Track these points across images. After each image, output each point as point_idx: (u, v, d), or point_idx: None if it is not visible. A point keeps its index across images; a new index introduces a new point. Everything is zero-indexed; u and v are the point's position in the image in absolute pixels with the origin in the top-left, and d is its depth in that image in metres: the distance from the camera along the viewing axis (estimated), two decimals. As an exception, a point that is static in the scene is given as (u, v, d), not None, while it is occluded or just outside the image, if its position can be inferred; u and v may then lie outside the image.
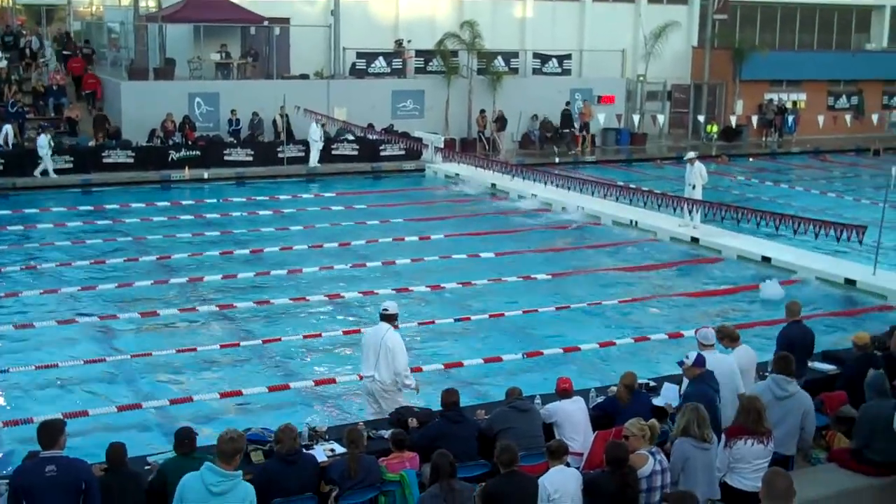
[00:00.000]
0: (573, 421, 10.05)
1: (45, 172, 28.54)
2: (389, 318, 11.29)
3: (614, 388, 10.80)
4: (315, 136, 31.77)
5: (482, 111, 36.57)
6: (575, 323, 16.93)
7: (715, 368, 10.11)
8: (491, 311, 17.31)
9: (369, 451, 9.24)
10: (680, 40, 41.79)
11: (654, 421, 9.22)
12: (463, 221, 24.99)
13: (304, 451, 9.05)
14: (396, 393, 11.27)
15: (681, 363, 10.16)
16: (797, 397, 9.83)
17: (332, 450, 9.53)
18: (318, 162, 31.96)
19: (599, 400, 10.80)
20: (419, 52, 37.10)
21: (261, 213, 25.57)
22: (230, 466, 7.40)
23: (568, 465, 8.77)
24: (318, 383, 13.77)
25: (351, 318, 16.84)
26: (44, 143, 28.45)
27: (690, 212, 23.49)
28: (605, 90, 39.52)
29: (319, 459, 9.16)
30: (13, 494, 7.47)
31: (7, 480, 8.06)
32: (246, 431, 9.25)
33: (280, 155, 32.06)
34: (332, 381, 13.81)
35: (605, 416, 10.36)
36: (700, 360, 9.96)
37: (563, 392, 10.27)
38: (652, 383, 11.48)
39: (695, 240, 22.96)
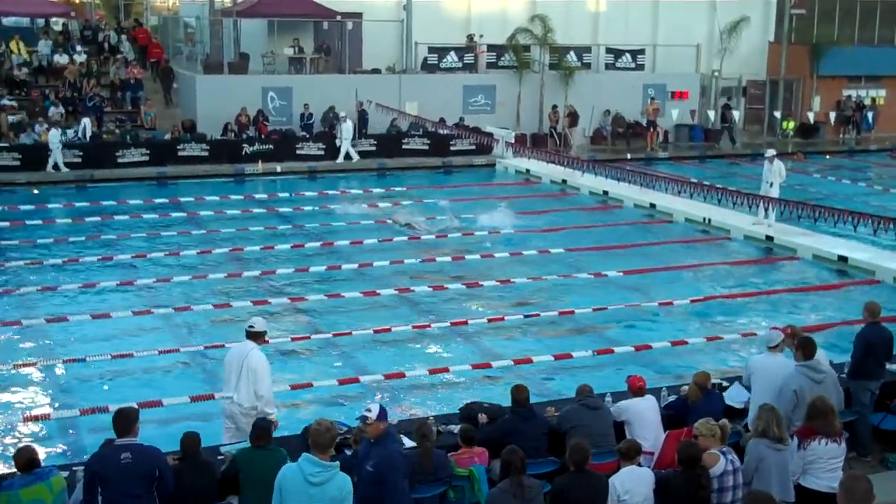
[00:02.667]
0: (644, 419, 9.97)
1: (55, 166, 28.92)
2: (255, 336, 10.35)
3: (686, 388, 10.69)
4: (347, 134, 31.93)
5: (554, 106, 36.42)
6: (646, 321, 16.79)
7: (766, 370, 10.05)
8: (561, 307, 17.24)
9: (438, 445, 9.28)
10: (756, 35, 41.12)
11: (725, 421, 9.13)
12: (533, 217, 24.90)
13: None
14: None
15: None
16: (830, 374, 9.96)
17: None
18: (345, 159, 32.09)
19: (671, 399, 10.70)
20: (491, 47, 37.03)
21: (332, 206, 25.74)
22: (326, 456, 7.40)
23: (639, 464, 8.71)
24: (387, 377, 13.82)
25: (420, 313, 16.86)
26: (55, 137, 28.86)
27: (766, 210, 23.12)
28: (679, 86, 39.08)
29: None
30: (89, 481, 7.64)
31: (83, 467, 8.27)
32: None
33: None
34: (402, 375, 13.87)
35: (676, 415, 10.27)
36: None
37: (635, 390, 10.20)
38: (725, 383, 11.35)
39: (769, 238, 22.60)
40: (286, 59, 35.35)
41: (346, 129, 31.79)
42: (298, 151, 31.81)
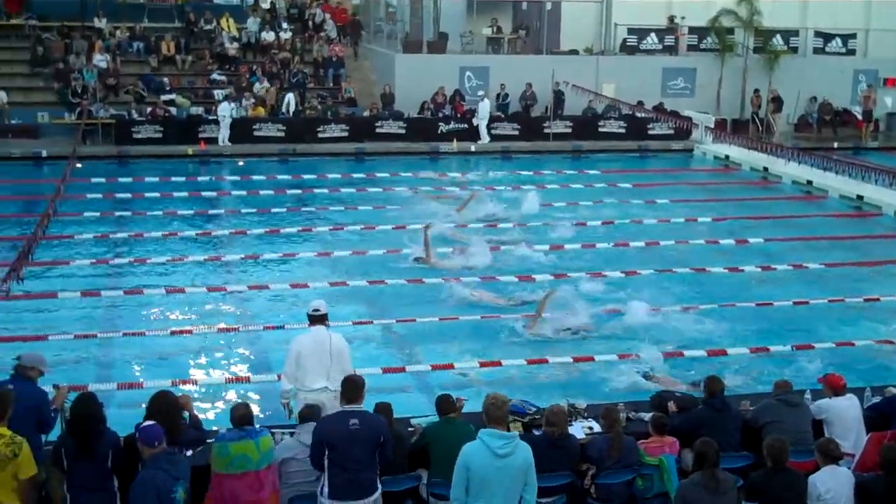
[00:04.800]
0: (845, 419, 9.58)
1: (222, 140, 29.84)
2: (322, 319, 10.15)
3: (893, 389, 10.22)
4: (483, 113, 31.64)
5: (756, 91, 35.24)
6: (849, 317, 16.09)
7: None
8: (759, 299, 16.74)
9: (626, 432, 9.19)
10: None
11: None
12: (732, 205, 24.26)
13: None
14: None
15: None
16: None
17: (591, 427, 9.54)
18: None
19: (875, 400, 10.24)
20: (692, 29, 36.17)
21: (524, 187, 25.82)
22: (505, 428, 7.57)
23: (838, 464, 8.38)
24: (576, 360, 13.78)
25: (612, 298, 16.68)
26: (225, 110, 29.70)
27: None
28: (893, 72, 37.12)
29: (578, 437, 9.18)
30: (317, 444, 7.95)
31: (292, 430, 8.67)
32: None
33: (546, 130, 32.21)
34: (591, 358, 13.81)
35: (880, 417, 9.82)
36: None
37: (837, 388, 9.81)
38: (935, 387, 10.76)
39: None
40: (484, 39, 35.57)
41: (483, 107, 31.66)
42: (493, 131, 31.98)
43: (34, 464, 7.57)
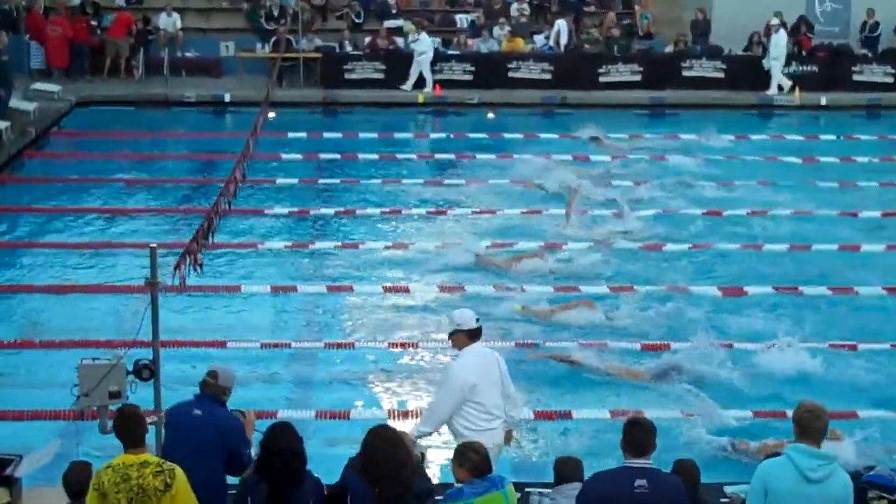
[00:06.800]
0: None
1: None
2: (479, 335, 10.57)
3: None
4: (777, 51, 30.84)
5: None
6: None
7: None
8: None
9: None
10: None
11: None
12: None
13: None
14: None
15: None
16: None
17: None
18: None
19: None
20: None
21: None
22: (818, 446, 7.59)
23: None
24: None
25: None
26: (425, 44, 30.22)
27: None
28: None
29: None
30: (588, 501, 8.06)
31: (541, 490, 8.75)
32: (866, 471, 9.31)
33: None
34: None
35: None
36: None
37: None
38: None
39: None
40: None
41: (777, 41, 30.91)
42: (855, 77, 31.23)
43: (195, 498, 7.88)
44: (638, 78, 31.12)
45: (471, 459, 8.26)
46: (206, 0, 33.46)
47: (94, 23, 31.12)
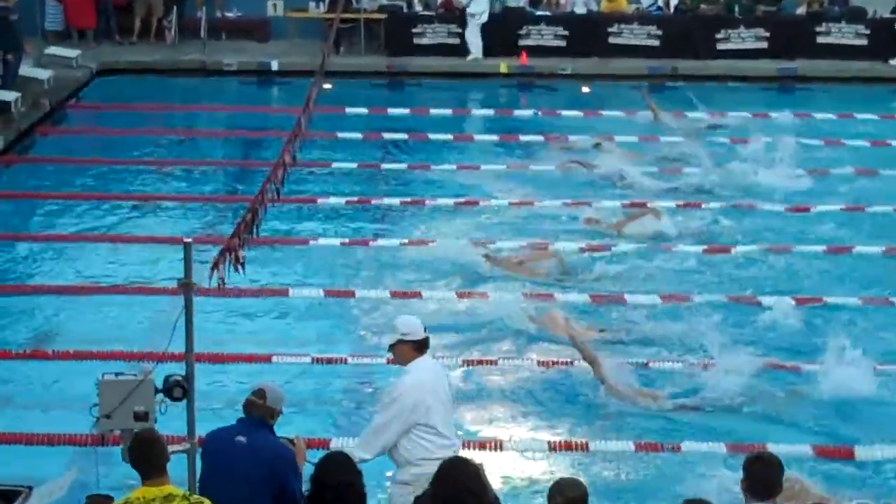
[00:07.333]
0: None
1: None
2: (426, 346, 10.69)
3: None
4: None
5: None
6: None
7: None
8: None
9: None
10: None
11: None
12: None
13: None
14: None
15: None
16: None
17: None
18: None
19: None
20: None
21: None
22: None
23: None
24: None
25: None
26: (482, 3, 30.16)
27: None
28: None
29: None
30: None
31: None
32: None
33: None
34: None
35: None
36: None
37: None
38: None
39: None
40: None
41: None
42: None
43: None
44: (763, 45, 30.99)
45: (566, 493, 8.19)
46: (251, -51, 33.86)
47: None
